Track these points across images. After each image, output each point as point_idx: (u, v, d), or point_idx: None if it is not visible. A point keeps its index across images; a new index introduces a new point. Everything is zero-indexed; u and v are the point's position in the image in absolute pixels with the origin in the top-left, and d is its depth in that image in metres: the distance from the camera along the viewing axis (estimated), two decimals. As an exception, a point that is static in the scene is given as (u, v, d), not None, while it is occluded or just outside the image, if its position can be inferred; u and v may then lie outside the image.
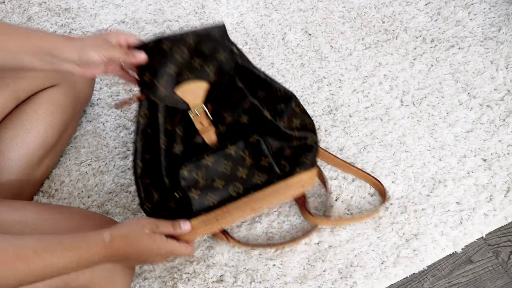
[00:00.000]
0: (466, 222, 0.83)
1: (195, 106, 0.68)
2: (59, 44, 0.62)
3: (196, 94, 0.68)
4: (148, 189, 0.68)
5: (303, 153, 0.70)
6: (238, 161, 0.68)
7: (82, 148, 0.92)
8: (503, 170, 0.88)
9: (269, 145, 0.69)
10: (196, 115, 0.68)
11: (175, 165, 0.67)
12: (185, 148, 0.69)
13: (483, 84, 0.97)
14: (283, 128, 0.69)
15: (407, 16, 1.07)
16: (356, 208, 0.84)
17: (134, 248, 0.60)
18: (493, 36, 1.03)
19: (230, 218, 0.69)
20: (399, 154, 0.90)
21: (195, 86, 0.67)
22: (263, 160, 0.68)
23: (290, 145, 0.70)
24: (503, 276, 0.80)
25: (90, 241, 0.57)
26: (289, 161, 0.70)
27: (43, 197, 0.87)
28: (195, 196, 0.67)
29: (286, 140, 0.70)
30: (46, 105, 0.79)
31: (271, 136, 0.69)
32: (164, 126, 0.67)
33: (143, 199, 0.68)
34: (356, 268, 0.79)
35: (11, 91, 0.75)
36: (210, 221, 0.68)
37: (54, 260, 0.52)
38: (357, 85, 0.98)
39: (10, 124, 0.77)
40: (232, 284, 0.79)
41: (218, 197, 0.68)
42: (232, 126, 0.70)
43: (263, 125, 0.69)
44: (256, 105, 0.68)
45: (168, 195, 0.68)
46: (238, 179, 0.68)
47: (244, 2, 1.10)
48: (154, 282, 0.79)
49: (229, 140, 0.69)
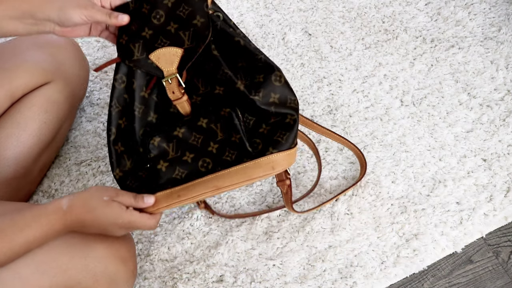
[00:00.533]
0: (466, 222, 0.83)
1: (169, 73, 0.65)
2: (38, 3, 0.60)
3: (171, 61, 0.64)
4: (121, 156, 0.67)
5: (279, 132, 0.64)
6: (210, 134, 0.65)
7: (82, 148, 0.92)
8: (503, 170, 0.88)
9: (244, 120, 0.65)
10: (168, 83, 0.65)
11: (150, 133, 0.65)
12: (160, 117, 0.67)
13: (483, 84, 0.97)
14: (257, 103, 0.64)
15: (407, 16, 1.07)
16: (356, 208, 0.84)
17: (92, 216, 0.60)
18: (493, 36, 1.03)
19: (192, 194, 0.65)
20: (399, 154, 0.90)
21: (170, 52, 0.64)
22: (234, 136, 0.65)
23: (267, 122, 0.65)
24: (503, 276, 0.80)
25: (49, 210, 0.57)
26: (263, 139, 0.65)
27: (43, 197, 0.87)
28: (163, 168, 0.65)
29: (261, 115, 0.65)
30: (41, 102, 0.79)
31: (246, 111, 0.65)
32: (139, 93, 0.66)
33: (114, 166, 0.67)
34: (356, 268, 0.79)
35: (5, 90, 0.75)
36: (173, 195, 0.65)
37: (17, 237, 0.54)
38: (357, 85, 0.98)
39: (5, 123, 0.77)
40: (232, 284, 0.79)
41: (186, 171, 0.65)
42: (207, 96, 0.66)
43: (237, 98, 0.65)
44: (229, 76, 0.64)
45: (141, 164, 0.66)
46: (208, 154, 0.65)
47: (244, 2, 1.10)
48: (154, 282, 0.79)
49: (202, 112, 0.66)
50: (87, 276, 0.63)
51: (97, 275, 0.64)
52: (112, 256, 0.66)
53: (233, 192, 0.87)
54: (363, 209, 0.85)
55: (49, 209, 0.58)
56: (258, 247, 0.82)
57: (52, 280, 0.61)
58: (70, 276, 0.62)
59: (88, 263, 0.64)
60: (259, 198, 0.86)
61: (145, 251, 0.82)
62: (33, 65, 0.77)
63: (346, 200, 0.85)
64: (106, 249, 0.66)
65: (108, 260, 0.66)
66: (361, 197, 0.86)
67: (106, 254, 0.65)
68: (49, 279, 0.61)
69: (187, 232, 0.84)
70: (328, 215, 0.84)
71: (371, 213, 0.84)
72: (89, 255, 0.64)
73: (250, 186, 0.87)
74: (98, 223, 0.61)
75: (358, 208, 0.85)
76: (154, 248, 0.82)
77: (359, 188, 0.86)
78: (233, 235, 0.83)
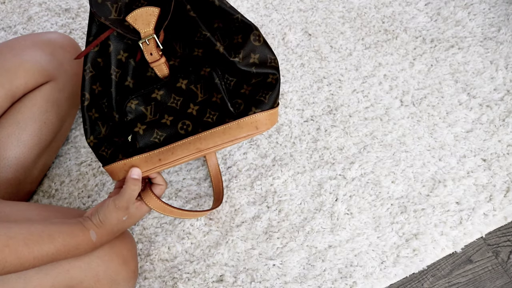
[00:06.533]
0: (465, 222, 0.83)
1: (146, 34, 0.62)
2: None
3: (147, 21, 0.62)
4: (95, 123, 0.65)
5: (261, 91, 0.63)
6: (189, 96, 0.63)
7: (82, 148, 0.92)
8: (503, 170, 0.88)
9: (225, 81, 0.64)
10: (146, 44, 0.62)
11: (126, 97, 0.64)
12: (137, 81, 0.65)
13: (482, 84, 0.97)
14: (238, 64, 0.62)
15: (407, 16, 1.07)
16: (356, 207, 0.85)
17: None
18: (493, 36, 1.03)
19: (173, 158, 0.63)
20: (399, 154, 0.90)
21: (147, 12, 0.62)
22: (215, 96, 0.63)
23: (248, 82, 0.64)
24: (503, 276, 0.81)
25: (78, 235, 0.59)
26: (245, 99, 0.63)
27: (43, 197, 0.87)
28: (140, 131, 0.63)
29: (242, 76, 0.64)
30: (41, 102, 0.79)
31: (226, 72, 0.64)
32: (116, 57, 0.64)
33: (88, 133, 0.66)
34: (356, 268, 0.80)
35: (6, 90, 0.75)
36: (153, 159, 0.63)
37: (43, 253, 0.55)
38: (357, 85, 0.98)
39: (5, 123, 0.77)
40: (232, 284, 0.79)
41: (165, 134, 0.63)
42: (185, 59, 0.65)
43: (217, 60, 0.63)
44: (208, 37, 0.62)
45: (116, 131, 0.65)
46: (187, 116, 0.63)
47: (244, 2, 1.10)
48: (154, 282, 0.80)
49: (181, 74, 0.64)
50: (89, 276, 0.64)
51: (99, 275, 0.65)
52: (113, 256, 0.67)
53: (233, 192, 0.87)
54: (363, 209, 0.85)
55: (79, 236, 0.60)
56: (258, 247, 0.82)
57: (54, 280, 0.61)
58: (72, 276, 0.63)
59: (90, 263, 0.64)
60: (259, 198, 0.87)
61: (146, 251, 0.83)
62: (33, 64, 0.77)
63: (346, 200, 0.85)
64: (108, 249, 0.66)
65: (110, 260, 0.66)
66: (361, 197, 0.86)
67: (107, 255, 0.66)
68: (52, 279, 0.61)
69: (187, 232, 0.84)
70: (328, 215, 0.84)
71: (371, 213, 0.84)
72: (91, 255, 0.64)
73: (250, 186, 0.87)
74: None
75: (358, 208, 0.85)
76: (155, 248, 0.82)
77: (359, 188, 0.86)
78: (233, 235, 0.83)
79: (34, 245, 0.54)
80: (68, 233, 0.58)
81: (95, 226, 0.62)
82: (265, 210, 0.85)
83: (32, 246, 0.54)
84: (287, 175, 0.88)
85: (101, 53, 0.64)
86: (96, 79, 0.65)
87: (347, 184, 0.87)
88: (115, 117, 0.64)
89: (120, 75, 0.64)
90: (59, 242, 0.57)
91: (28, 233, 0.55)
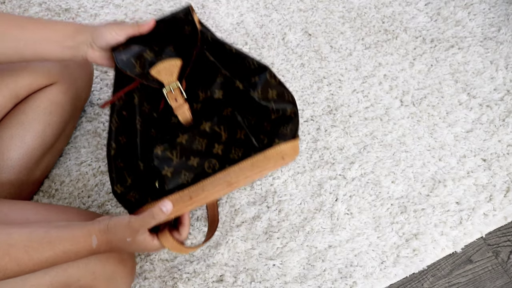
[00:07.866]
0: (465, 222, 0.83)
1: (170, 83, 0.67)
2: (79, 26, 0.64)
3: (171, 72, 0.67)
4: (122, 173, 0.67)
5: (282, 125, 0.66)
6: (214, 137, 0.66)
7: (82, 148, 0.92)
8: (503, 170, 0.88)
9: (247, 119, 0.66)
10: (170, 92, 0.66)
11: (151, 148, 0.65)
12: (161, 130, 0.67)
13: (482, 84, 0.97)
14: (257, 99, 0.65)
15: (407, 16, 1.07)
16: (356, 207, 0.85)
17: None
18: (493, 36, 1.03)
19: (204, 194, 0.65)
20: (399, 154, 0.90)
21: (170, 64, 0.67)
22: (239, 133, 0.65)
23: (268, 120, 0.66)
24: (503, 276, 0.81)
25: (79, 242, 0.58)
26: (267, 134, 0.66)
27: (43, 197, 0.87)
28: (168, 173, 0.65)
29: (263, 113, 0.66)
30: (45, 104, 0.79)
31: (247, 112, 0.66)
32: (140, 108, 0.66)
33: (115, 180, 0.67)
34: (356, 268, 0.80)
35: (10, 90, 0.75)
36: (184, 198, 0.65)
37: (43, 260, 0.55)
38: (357, 85, 0.98)
39: (9, 123, 0.77)
40: (232, 284, 0.79)
41: (193, 174, 0.65)
42: (207, 102, 0.68)
43: (238, 98, 0.66)
44: (228, 77, 0.66)
45: (141, 180, 0.66)
46: (213, 156, 0.66)
47: (244, 2, 1.10)
48: (154, 282, 0.80)
49: (204, 117, 0.67)
50: (86, 274, 0.64)
51: (96, 273, 0.65)
52: (111, 256, 0.67)
53: (233, 192, 0.87)
54: (363, 209, 0.85)
55: (80, 242, 0.59)
56: (258, 247, 0.82)
57: (53, 278, 0.62)
58: (70, 274, 0.63)
59: (88, 262, 0.64)
60: (259, 198, 0.87)
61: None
62: (37, 66, 0.77)
63: (346, 200, 0.85)
64: None
65: (107, 260, 0.67)
66: (361, 197, 0.86)
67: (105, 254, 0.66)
68: (50, 278, 0.61)
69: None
70: (328, 215, 0.84)
71: (371, 213, 0.84)
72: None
73: (250, 186, 0.87)
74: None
75: (358, 208, 0.85)
76: (154, 248, 0.82)
77: (359, 188, 0.86)
78: (233, 235, 0.83)
79: (34, 252, 0.54)
80: (69, 239, 0.58)
81: (98, 231, 0.61)
82: (265, 210, 0.85)
83: (32, 253, 0.54)
84: (287, 175, 0.88)
85: (126, 105, 0.67)
86: (122, 130, 0.67)
87: (347, 184, 0.87)
88: (139, 166, 0.66)
89: (144, 125, 0.67)
90: (59, 249, 0.57)
91: (29, 240, 0.55)
